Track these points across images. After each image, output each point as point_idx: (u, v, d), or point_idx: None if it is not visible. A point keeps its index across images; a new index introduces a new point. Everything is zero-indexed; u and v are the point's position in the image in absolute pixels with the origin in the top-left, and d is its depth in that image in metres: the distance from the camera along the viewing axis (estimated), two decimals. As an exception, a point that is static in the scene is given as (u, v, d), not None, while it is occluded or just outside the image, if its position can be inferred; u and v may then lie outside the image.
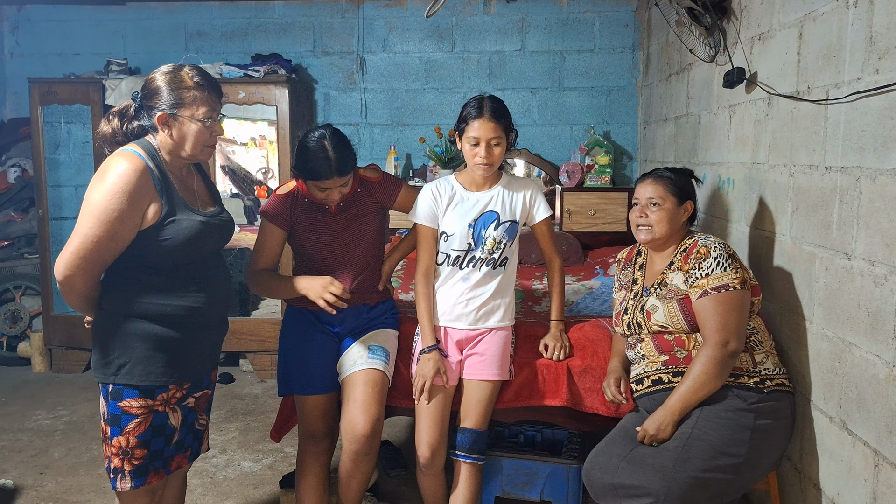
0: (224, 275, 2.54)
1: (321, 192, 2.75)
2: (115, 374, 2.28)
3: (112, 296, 2.31)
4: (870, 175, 2.18)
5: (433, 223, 2.86)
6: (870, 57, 2.18)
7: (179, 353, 2.35)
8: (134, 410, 2.29)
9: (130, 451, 2.30)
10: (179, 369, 2.35)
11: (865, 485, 2.21)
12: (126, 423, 2.29)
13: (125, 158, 2.21)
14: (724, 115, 3.49)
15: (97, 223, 2.15)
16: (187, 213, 2.32)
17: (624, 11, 5.57)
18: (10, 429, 4.34)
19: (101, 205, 2.15)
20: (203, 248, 2.38)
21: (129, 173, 2.17)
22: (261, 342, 5.22)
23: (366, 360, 2.81)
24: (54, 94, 5.21)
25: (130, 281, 2.30)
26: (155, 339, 2.29)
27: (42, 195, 5.32)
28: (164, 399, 2.34)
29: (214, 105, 2.33)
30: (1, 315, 5.67)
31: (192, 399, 2.46)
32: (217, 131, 2.36)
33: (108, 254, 2.22)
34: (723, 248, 2.53)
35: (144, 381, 2.29)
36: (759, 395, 2.46)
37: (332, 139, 2.69)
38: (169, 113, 2.27)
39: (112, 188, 2.15)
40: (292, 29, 5.77)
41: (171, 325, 2.32)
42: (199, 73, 2.32)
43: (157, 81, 2.29)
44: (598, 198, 5.12)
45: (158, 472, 2.37)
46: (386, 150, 5.69)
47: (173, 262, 2.31)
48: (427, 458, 2.80)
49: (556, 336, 2.94)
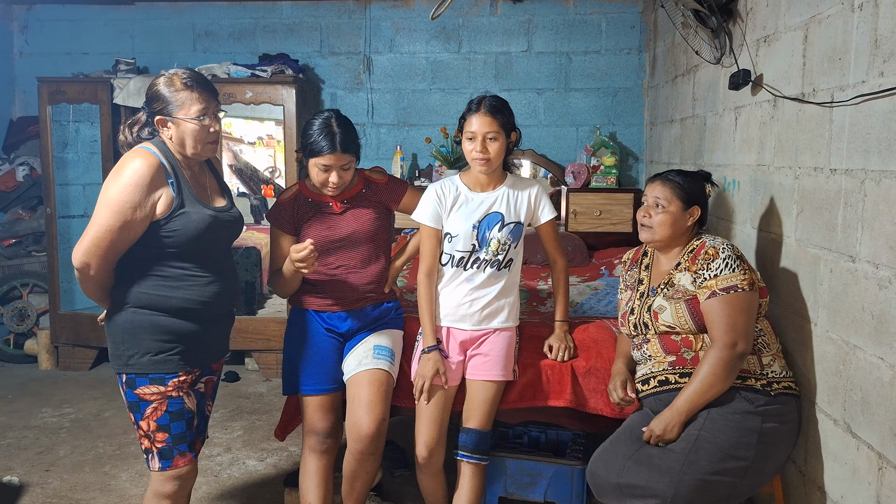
0: (232, 270, 2.66)
1: (323, 173, 2.76)
2: (126, 363, 2.41)
3: (123, 287, 2.42)
4: (874, 178, 2.18)
5: (437, 223, 2.86)
6: (875, 60, 2.18)
7: (187, 343, 2.46)
8: (148, 397, 2.42)
9: (152, 435, 2.44)
10: (186, 358, 2.46)
11: (870, 488, 2.20)
12: (144, 409, 2.43)
13: (140, 155, 2.35)
14: (730, 117, 3.48)
15: (112, 214, 2.28)
16: (197, 206, 2.44)
17: (630, 13, 5.57)
18: (16, 426, 4.36)
19: (116, 196, 2.29)
20: (212, 241, 2.49)
21: (143, 168, 2.32)
22: (266, 341, 5.24)
23: (371, 359, 2.82)
24: (63, 93, 5.24)
25: (140, 273, 2.41)
26: (161, 329, 2.41)
27: (50, 193, 5.34)
28: (175, 384, 2.44)
29: (206, 103, 2.44)
30: (8, 312, 5.69)
31: (202, 384, 2.58)
32: (215, 128, 2.47)
33: (122, 243, 2.34)
34: (731, 249, 2.53)
35: (153, 371, 2.41)
36: (767, 398, 2.46)
37: (338, 118, 2.78)
38: (166, 115, 2.41)
39: (127, 181, 2.30)
40: (299, 29, 5.78)
41: (179, 316, 2.43)
42: (189, 74, 2.45)
43: (155, 87, 2.44)
44: (604, 198, 5.12)
45: (185, 455, 2.48)
46: (392, 150, 5.70)
47: (183, 254, 2.42)
48: (424, 458, 2.81)
49: (561, 337, 2.94)
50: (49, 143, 5.29)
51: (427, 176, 5.61)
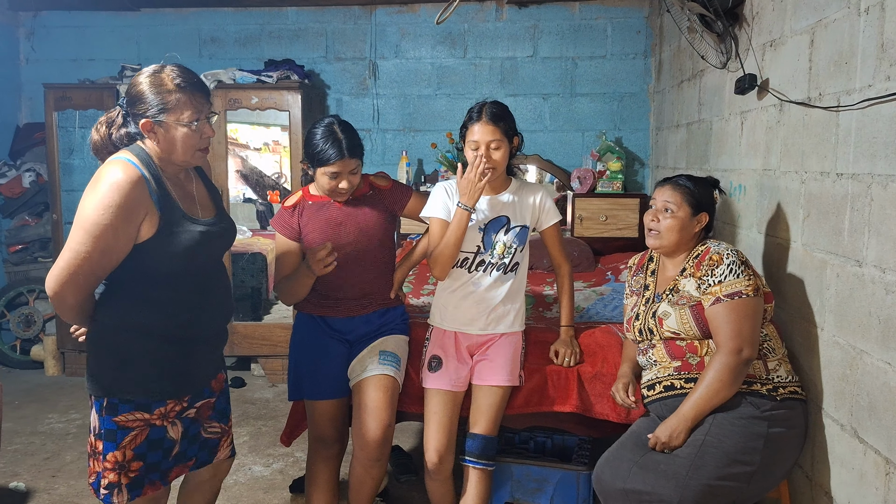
0: (224, 284, 2.42)
1: (332, 181, 2.75)
2: (109, 388, 2.19)
3: (108, 308, 2.20)
4: (881, 182, 2.17)
5: (447, 215, 2.84)
6: (881, 64, 2.18)
7: (177, 366, 2.25)
8: (130, 424, 2.19)
9: (127, 465, 2.20)
10: (177, 383, 2.26)
11: (877, 493, 2.20)
12: (122, 438, 2.19)
13: (119, 168, 2.06)
14: (736, 122, 3.48)
15: (88, 238, 2.02)
16: (186, 223, 2.19)
17: (636, 18, 5.56)
18: (22, 432, 4.37)
19: (93, 218, 2.01)
20: (203, 257, 2.26)
21: (123, 185, 2.03)
22: (272, 346, 5.23)
23: (377, 365, 2.82)
24: (69, 99, 5.26)
25: (127, 293, 2.19)
26: (152, 352, 2.20)
27: (56, 199, 5.36)
28: (161, 413, 2.24)
29: (200, 106, 2.17)
30: (15, 319, 5.71)
31: (193, 410, 2.35)
32: (207, 133, 2.21)
33: (101, 269, 2.09)
34: (736, 254, 2.52)
35: (141, 397, 2.20)
36: (773, 403, 2.45)
37: (340, 124, 2.77)
38: (153, 119, 2.13)
39: (104, 201, 2.02)
40: (305, 35, 5.79)
41: (169, 339, 2.22)
42: (181, 73, 2.16)
43: (139, 86, 2.15)
44: (610, 204, 5.12)
45: (154, 484, 2.27)
46: (398, 156, 5.70)
47: (171, 274, 2.20)
48: (434, 464, 2.80)
49: (567, 342, 2.94)
50: (55, 150, 5.32)
51: (433, 181, 5.61)
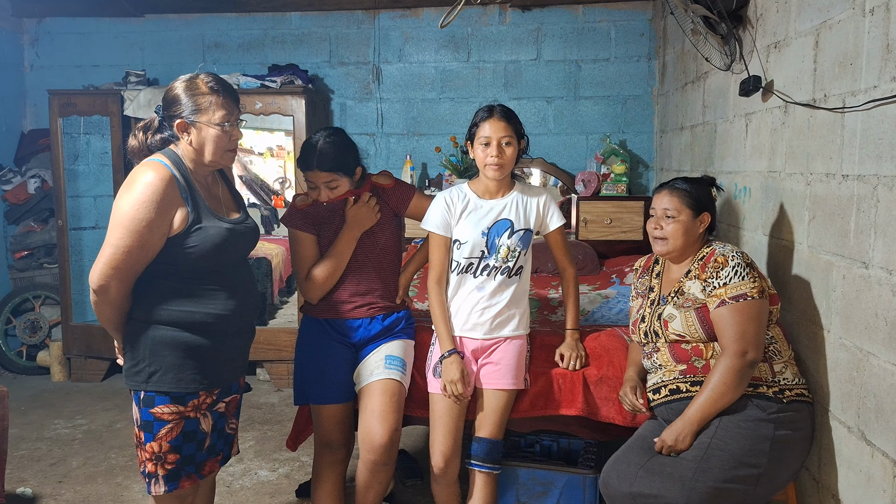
0: (251, 281, 2.59)
1: (311, 190, 2.86)
2: (146, 381, 2.31)
3: (142, 304, 2.34)
4: (887, 183, 2.16)
5: (446, 231, 2.86)
6: (886, 65, 2.17)
7: (209, 360, 2.38)
8: (166, 416, 2.32)
9: (163, 457, 2.33)
10: (209, 376, 2.38)
11: (884, 495, 2.19)
12: (158, 430, 2.32)
13: (151, 168, 2.25)
14: (741, 124, 3.47)
15: (127, 233, 2.19)
16: (213, 220, 2.35)
17: (639, 20, 5.56)
18: (29, 437, 4.38)
19: (130, 214, 2.19)
20: (230, 254, 2.41)
21: (156, 182, 2.22)
22: (277, 351, 5.24)
23: (382, 369, 2.82)
24: (73, 105, 5.27)
25: (159, 289, 2.33)
26: (185, 346, 2.32)
27: (61, 206, 5.37)
28: (195, 405, 2.37)
29: (231, 109, 2.36)
30: (20, 324, 5.72)
31: (223, 404, 2.49)
32: (236, 135, 2.40)
33: (139, 262, 2.25)
34: (741, 256, 2.52)
35: (175, 389, 2.32)
36: (779, 406, 2.44)
37: (328, 136, 2.82)
38: (187, 120, 2.31)
39: (140, 198, 2.19)
40: (309, 40, 5.80)
41: (201, 333, 2.35)
42: (214, 78, 2.36)
43: (175, 90, 2.34)
44: (615, 207, 5.11)
45: (191, 477, 2.40)
46: (402, 160, 5.70)
47: (201, 269, 2.35)
48: (440, 468, 2.80)
49: (572, 345, 2.93)
50: (60, 156, 5.33)
51: (437, 185, 5.61)
